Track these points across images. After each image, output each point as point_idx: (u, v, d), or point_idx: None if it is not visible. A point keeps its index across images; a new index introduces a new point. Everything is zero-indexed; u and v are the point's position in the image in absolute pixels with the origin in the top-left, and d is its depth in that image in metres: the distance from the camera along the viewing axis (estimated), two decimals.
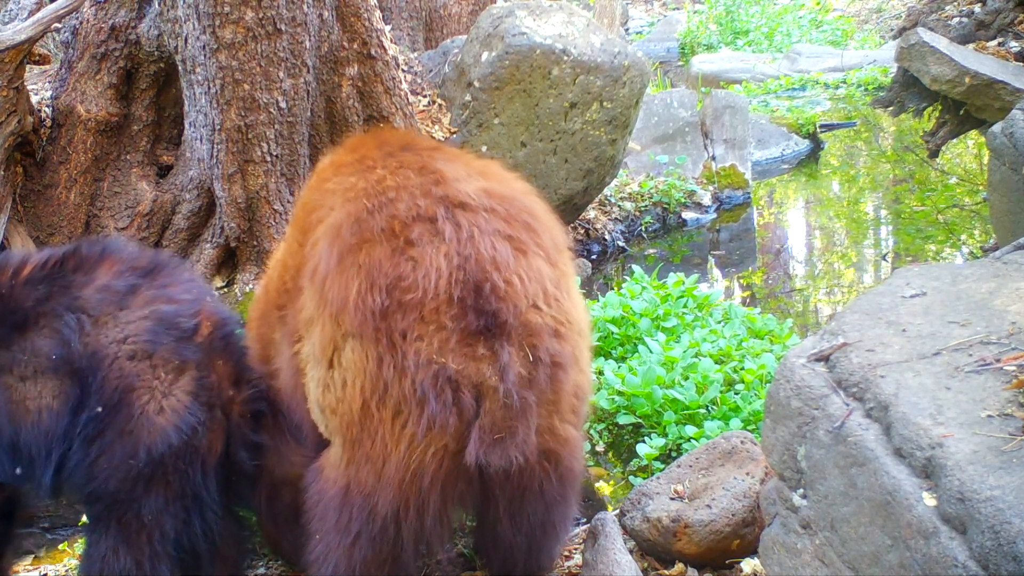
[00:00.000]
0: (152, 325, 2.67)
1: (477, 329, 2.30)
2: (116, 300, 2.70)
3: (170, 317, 2.70)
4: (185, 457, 2.63)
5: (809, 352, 2.22)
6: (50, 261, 2.80)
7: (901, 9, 14.81)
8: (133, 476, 2.59)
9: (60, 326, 2.65)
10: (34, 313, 2.68)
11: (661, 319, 4.75)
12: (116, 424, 2.59)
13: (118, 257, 2.82)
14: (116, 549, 2.63)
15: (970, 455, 1.78)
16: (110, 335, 2.65)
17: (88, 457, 2.61)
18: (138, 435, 2.58)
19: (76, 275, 2.75)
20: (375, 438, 2.37)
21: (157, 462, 2.59)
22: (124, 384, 2.60)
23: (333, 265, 2.42)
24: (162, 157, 5.43)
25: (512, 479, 2.44)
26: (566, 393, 2.50)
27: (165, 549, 2.65)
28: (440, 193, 2.48)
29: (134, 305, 2.70)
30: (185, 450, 2.62)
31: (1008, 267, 2.47)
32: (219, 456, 2.74)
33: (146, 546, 2.64)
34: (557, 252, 2.58)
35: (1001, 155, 4.89)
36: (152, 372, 2.63)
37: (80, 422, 2.61)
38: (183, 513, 2.67)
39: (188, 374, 2.67)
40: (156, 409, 2.61)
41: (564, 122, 5.79)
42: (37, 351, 2.66)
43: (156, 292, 2.75)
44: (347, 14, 5.09)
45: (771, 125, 9.40)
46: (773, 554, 2.31)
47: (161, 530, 2.64)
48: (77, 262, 2.79)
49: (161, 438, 2.59)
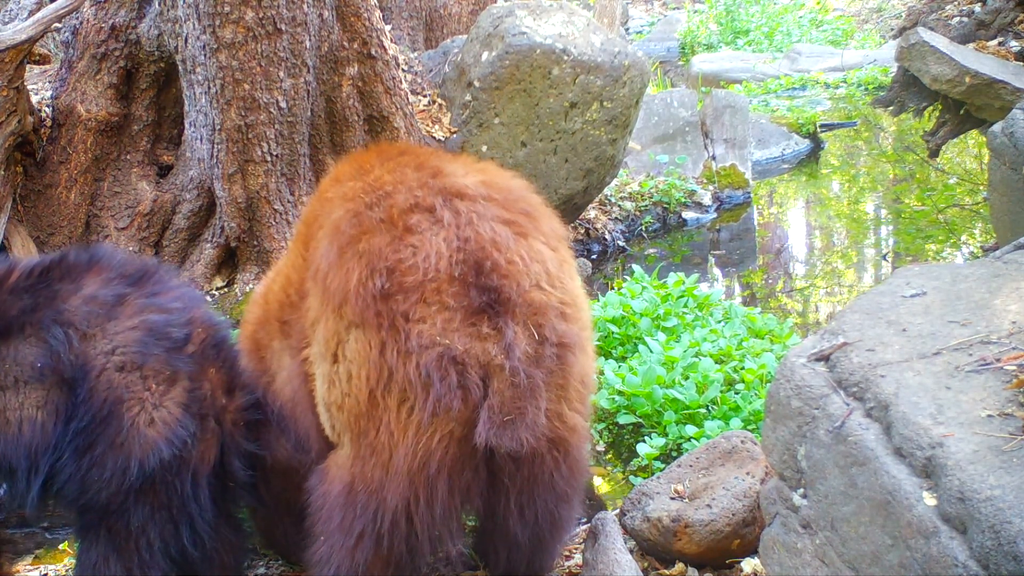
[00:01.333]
0: (142, 336, 2.62)
1: (480, 307, 2.27)
2: (104, 311, 2.65)
3: (160, 327, 2.66)
4: (174, 469, 2.60)
5: (809, 352, 2.22)
6: (36, 270, 2.73)
7: (901, 9, 14.81)
8: (124, 488, 2.57)
9: (47, 337, 2.60)
10: (18, 323, 2.62)
11: (661, 319, 4.75)
12: (107, 436, 2.56)
13: (106, 265, 2.77)
14: (107, 557, 2.63)
15: (970, 455, 1.78)
16: (98, 347, 2.60)
17: (80, 470, 2.57)
18: (129, 448, 2.56)
19: (63, 284, 2.69)
20: (381, 428, 2.33)
21: (148, 475, 2.57)
22: (114, 396, 2.57)
23: (334, 259, 2.42)
24: (162, 157, 5.43)
25: (522, 468, 2.41)
26: (574, 377, 2.45)
27: (153, 557, 2.65)
28: (438, 185, 2.48)
29: (123, 315, 2.66)
30: (175, 462, 2.60)
31: (1008, 267, 2.47)
32: (212, 466, 2.71)
33: (135, 554, 2.63)
34: (557, 240, 2.57)
35: (1001, 155, 4.89)
36: (143, 383, 2.60)
37: (70, 432, 2.57)
38: (170, 523, 2.65)
39: (179, 385, 2.64)
40: (147, 421, 2.58)
41: (564, 122, 5.79)
42: (20, 360, 2.60)
43: (146, 301, 2.70)
44: (347, 14, 5.09)
45: (771, 125, 9.40)
46: (773, 554, 2.31)
47: (148, 538, 2.63)
48: (63, 271, 2.74)
49: (153, 451, 2.57)
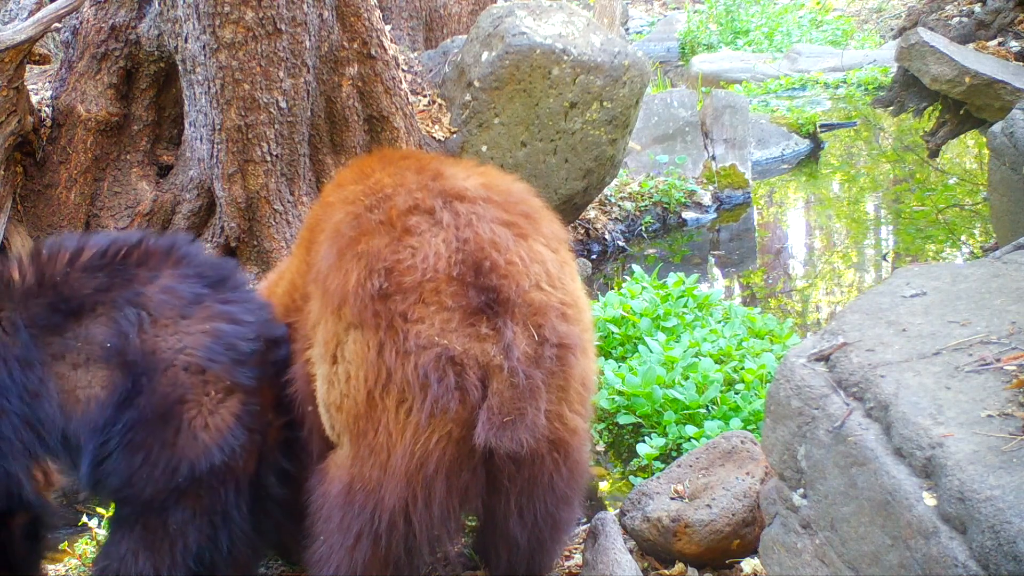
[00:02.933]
0: (211, 342, 2.61)
1: (479, 307, 2.26)
2: (180, 306, 2.64)
3: (230, 337, 2.64)
4: (221, 476, 2.60)
5: (809, 352, 2.22)
6: (111, 250, 2.73)
7: (901, 9, 14.81)
8: (170, 488, 2.57)
9: (119, 317, 2.59)
10: (91, 301, 2.62)
11: (661, 319, 4.75)
12: (163, 434, 2.55)
13: (185, 259, 2.77)
14: (136, 552, 2.62)
15: (970, 455, 1.78)
16: (169, 341, 2.59)
17: (129, 462, 2.56)
18: (182, 449, 2.55)
19: (140, 270, 2.69)
20: (379, 429, 2.33)
21: (196, 478, 2.57)
22: (176, 394, 2.56)
23: (333, 261, 2.43)
24: (162, 157, 5.43)
25: (522, 470, 2.40)
26: (574, 378, 2.44)
27: (184, 560, 2.63)
28: (438, 187, 2.48)
29: (196, 316, 2.65)
30: (223, 470, 2.59)
31: (1008, 267, 2.47)
32: (251, 477, 2.71)
33: (167, 555, 2.62)
34: (558, 242, 2.57)
35: (1001, 155, 4.89)
36: (203, 388, 2.59)
37: (123, 419, 2.56)
38: (209, 529, 2.64)
39: (236, 396, 2.62)
40: (202, 425, 2.57)
41: (564, 122, 5.79)
42: (91, 339, 2.60)
43: (220, 308, 2.69)
44: (347, 14, 5.09)
45: (771, 125, 9.40)
46: (773, 554, 2.31)
47: (184, 541, 2.62)
48: (142, 256, 2.73)
49: (204, 455, 2.56)
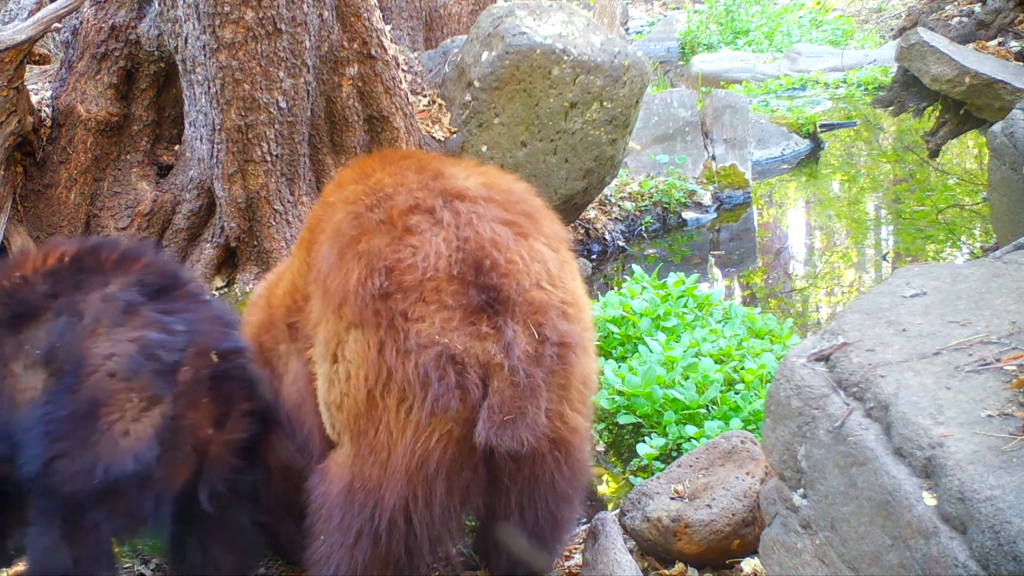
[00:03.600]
0: (135, 351, 2.65)
1: (479, 306, 2.26)
2: (114, 313, 2.70)
3: (153, 347, 2.67)
4: (139, 483, 2.63)
5: (809, 352, 2.22)
6: (67, 255, 2.84)
7: (901, 9, 14.81)
8: (87, 487, 2.60)
9: (56, 323, 2.69)
10: (41, 307, 2.74)
11: (661, 319, 4.75)
12: (83, 433, 2.59)
13: (136, 265, 2.84)
14: (58, 544, 2.67)
15: (970, 455, 1.78)
16: (100, 347, 2.65)
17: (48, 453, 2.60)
18: (100, 451, 2.58)
19: (90, 275, 2.78)
20: (380, 428, 2.33)
21: (113, 481, 2.60)
22: (99, 398, 2.60)
23: (334, 260, 2.43)
24: (162, 157, 5.43)
25: (523, 468, 2.40)
26: (575, 377, 2.44)
27: (99, 553, 2.70)
28: (438, 186, 2.49)
29: (129, 324, 2.69)
30: (138, 479, 2.62)
31: (1008, 267, 2.48)
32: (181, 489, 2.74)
33: (83, 548, 2.67)
34: (558, 241, 2.57)
35: (1001, 155, 4.89)
36: (127, 395, 2.62)
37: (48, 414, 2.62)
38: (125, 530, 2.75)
39: (159, 408, 2.65)
40: (123, 431, 2.61)
41: (564, 122, 5.79)
42: (36, 342, 2.70)
43: (153, 316, 2.73)
44: (347, 14, 5.09)
45: (771, 125, 9.40)
46: (773, 554, 2.31)
47: (98, 536, 2.68)
48: (96, 262, 2.82)
49: (120, 461, 2.59)
